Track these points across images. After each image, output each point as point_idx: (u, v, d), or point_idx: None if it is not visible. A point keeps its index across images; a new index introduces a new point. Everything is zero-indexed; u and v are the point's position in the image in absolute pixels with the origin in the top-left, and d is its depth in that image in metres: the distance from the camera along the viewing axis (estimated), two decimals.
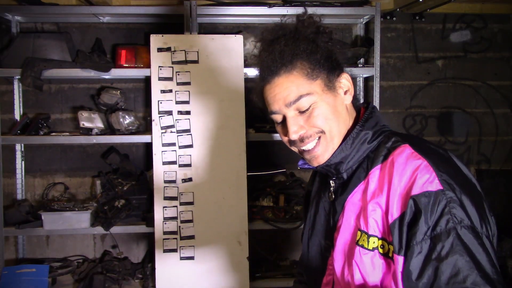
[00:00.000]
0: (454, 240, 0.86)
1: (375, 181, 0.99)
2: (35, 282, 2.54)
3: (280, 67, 1.01)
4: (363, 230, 0.98)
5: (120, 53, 2.64)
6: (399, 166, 0.95)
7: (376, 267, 0.97)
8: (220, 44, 2.51)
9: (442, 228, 0.87)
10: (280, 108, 1.03)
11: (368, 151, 1.05)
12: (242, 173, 2.52)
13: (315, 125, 1.03)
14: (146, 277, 2.66)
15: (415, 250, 0.88)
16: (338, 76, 1.06)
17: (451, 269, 0.85)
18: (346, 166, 1.06)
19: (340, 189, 1.09)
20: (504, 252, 2.79)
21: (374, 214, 0.97)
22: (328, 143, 1.05)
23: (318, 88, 1.02)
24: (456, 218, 0.87)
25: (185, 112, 2.49)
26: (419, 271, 0.88)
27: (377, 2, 2.66)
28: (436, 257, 0.86)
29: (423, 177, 0.91)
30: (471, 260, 0.85)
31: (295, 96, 1.01)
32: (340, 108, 1.06)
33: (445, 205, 0.88)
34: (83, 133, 2.62)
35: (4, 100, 2.82)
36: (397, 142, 1.01)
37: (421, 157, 0.94)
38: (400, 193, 0.93)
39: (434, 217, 0.88)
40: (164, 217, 2.48)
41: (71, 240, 2.91)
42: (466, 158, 3.09)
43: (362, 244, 0.98)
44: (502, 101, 3.09)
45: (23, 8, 2.60)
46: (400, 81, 3.05)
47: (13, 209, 2.63)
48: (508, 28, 3.06)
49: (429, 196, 0.89)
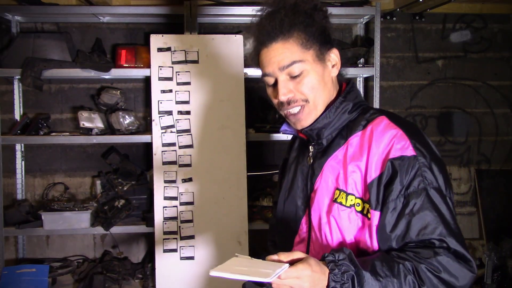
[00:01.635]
0: (425, 198, 1.01)
1: (354, 146, 1.11)
2: (35, 282, 2.54)
3: (279, 34, 1.11)
4: (342, 189, 1.10)
5: (120, 53, 2.64)
6: (377, 134, 1.08)
7: (352, 221, 1.08)
8: (220, 44, 2.51)
9: (415, 188, 1.01)
10: (273, 71, 1.13)
11: (348, 120, 1.16)
12: (242, 173, 2.52)
13: (302, 92, 1.13)
14: (146, 277, 2.66)
15: (390, 206, 1.02)
16: (329, 50, 1.16)
17: (421, 223, 1.00)
18: (327, 132, 1.16)
19: (319, 154, 1.19)
20: (504, 252, 2.79)
21: (354, 175, 1.09)
22: (311, 110, 1.15)
23: (310, 57, 1.12)
24: (427, 180, 1.02)
25: (185, 112, 2.49)
26: (393, 224, 1.02)
27: (377, 2, 2.66)
28: (409, 212, 1.01)
29: (399, 143, 1.05)
30: (438, 215, 1.00)
31: (288, 61, 1.10)
32: (327, 79, 1.16)
33: (418, 169, 1.02)
34: (83, 133, 2.62)
35: (4, 100, 2.82)
36: (375, 114, 1.13)
37: (397, 127, 1.07)
38: (378, 157, 1.06)
39: (408, 178, 1.02)
40: (164, 217, 2.48)
41: (71, 240, 2.91)
42: (466, 158, 3.09)
43: (340, 201, 1.10)
44: (502, 101, 3.09)
45: (23, 8, 2.60)
46: (400, 81, 3.05)
47: (13, 209, 2.63)
48: (508, 28, 3.06)
49: (405, 160, 1.03)
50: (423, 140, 1.08)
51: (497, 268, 2.77)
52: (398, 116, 1.15)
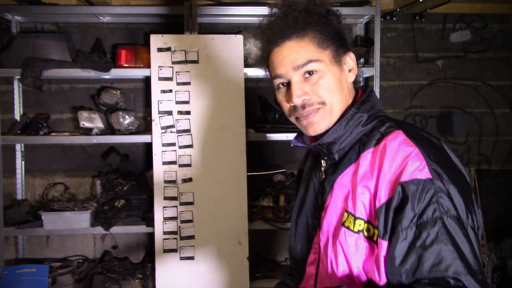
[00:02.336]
0: (440, 229, 0.88)
1: (366, 164, 1.00)
2: (35, 282, 2.54)
3: (293, 32, 1.03)
4: (350, 212, 0.99)
5: (120, 53, 2.64)
6: (391, 151, 0.96)
7: (360, 249, 0.98)
8: (220, 44, 2.51)
9: (428, 217, 0.88)
10: (286, 72, 1.04)
11: (362, 134, 1.05)
12: (242, 173, 2.52)
13: (319, 94, 1.04)
14: (146, 277, 2.66)
15: (400, 236, 0.90)
16: (345, 53, 1.08)
17: (435, 258, 0.87)
18: (339, 147, 1.06)
19: (330, 169, 1.09)
20: (504, 252, 2.79)
21: (363, 197, 0.98)
22: (326, 114, 1.05)
23: (327, 58, 1.04)
24: (443, 207, 0.89)
25: (185, 112, 2.49)
26: (402, 257, 0.90)
27: (377, 2, 2.66)
28: (421, 245, 0.88)
29: (413, 165, 0.92)
30: (455, 249, 0.87)
31: (304, 60, 1.02)
32: (344, 83, 1.07)
33: (433, 194, 0.89)
34: (83, 133, 2.62)
35: (4, 100, 2.82)
36: (391, 128, 1.01)
37: (413, 145, 0.95)
38: (389, 178, 0.94)
39: (422, 205, 0.89)
40: (164, 217, 2.48)
41: (71, 240, 2.91)
42: (466, 158, 3.09)
43: (348, 225, 0.99)
44: (502, 101, 3.09)
45: (23, 8, 2.60)
46: (400, 81, 3.05)
47: (13, 209, 2.63)
48: (508, 28, 3.06)
49: (418, 184, 0.90)
50: (443, 160, 0.96)
51: (497, 268, 2.77)
52: (417, 130, 1.03)
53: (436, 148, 0.98)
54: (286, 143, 2.93)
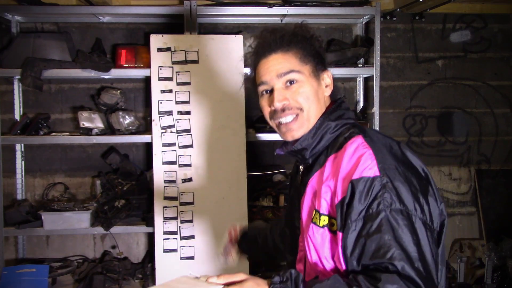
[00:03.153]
0: (382, 220, 0.97)
1: (329, 166, 1.11)
2: (35, 282, 2.54)
3: (279, 46, 1.18)
4: (317, 209, 1.10)
5: (120, 53, 2.64)
6: (348, 153, 1.07)
7: (325, 242, 1.08)
8: (220, 44, 2.51)
9: (373, 210, 0.98)
10: (271, 79, 1.18)
11: (331, 140, 1.17)
12: (242, 173, 2.52)
13: (297, 100, 1.16)
14: (146, 277, 2.66)
15: (350, 227, 1.00)
16: (323, 71, 1.22)
17: (375, 245, 0.96)
18: (311, 153, 1.19)
19: (305, 172, 1.22)
20: (504, 252, 2.79)
21: (326, 195, 1.08)
22: (304, 121, 1.18)
23: (307, 71, 1.18)
24: (386, 201, 0.98)
25: (185, 112, 2.49)
26: (352, 247, 1.00)
27: (377, 2, 2.66)
28: (365, 234, 0.98)
29: (364, 164, 1.02)
30: (393, 238, 0.95)
31: (287, 69, 1.16)
32: (320, 96, 1.20)
33: (379, 190, 0.99)
34: (83, 133, 2.62)
35: (4, 100, 2.82)
36: (353, 133, 1.13)
37: (368, 147, 1.06)
38: (343, 176, 1.05)
39: (368, 199, 0.99)
40: (164, 217, 2.48)
41: (71, 240, 2.91)
42: (466, 158, 3.09)
43: (315, 221, 1.10)
44: (502, 101, 3.10)
45: (23, 8, 2.60)
46: (400, 81, 3.05)
47: (13, 209, 2.63)
48: (508, 28, 3.06)
49: (366, 181, 1.00)
50: (395, 159, 1.05)
51: (497, 268, 2.77)
52: (378, 135, 1.14)
53: (391, 150, 1.09)
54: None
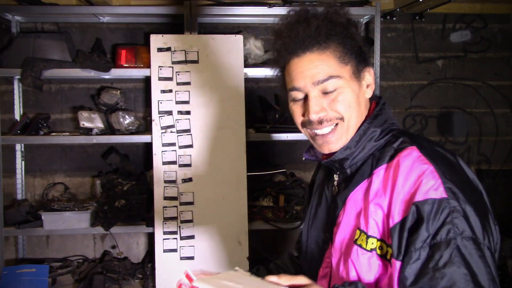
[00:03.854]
0: (453, 251, 0.85)
1: (379, 181, 0.98)
2: (35, 282, 2.53)
3: (315, 43, 0.99)
4: (363, 230, 0.97)
5: (120, 53, 2.64)
6: (404, 169, 0.93)
7: (373, 268, 0.96)
8: (220, 44, 2.51)
9: (442, 238, 0.86)
10: (305, 85, 1.01)
11: (374, 149, 1.03)
12: (242, 173, 2.52)
13: (337, 110, 1.01)
14: (146, 277, 2.66)
15: (413, 256, 0.88)
16: (364, 68, 1.05)
17: (447, 281, 0.84)
18: (351, 163, 1.04)
19: (343, 184, 1.07)
20: (504, 252, 2.79)
21: (375, 215, 0.96)
22: (344, 132, 1.03)
23: (347, 74, 1.01)
24: (457, 228, 0.86)
25: (185, 112, 2.49)
26: (414, 278, 0.87)
27: (377, 2, 2.66)
28: (433, 266, 0.86)
29: (428, 183, 0.89)
30: (468, 273, 0.84)
31: (324, 75, 0.99)
32: (361, 100, 1.05)
33: (447, 214, 0.87)
34: (83, 133, 2.62)
35: (4, 100, 2.82)
36: (405, 143, 0.99)
37: (428, 162, 0.93)
38: (403, 197, 0.92)
39: (436, 225, 0.87)
40: (164, 217, 2.48)
41: (71, 240, 2.91)
42: (466, 158, 3.09)
43: (360, 243, 0.97)
44: (502, 101, 3.09)
45: (23, 8, 2.60)
46: (400, 81, 3.05)
47: (13, 209, 2.63)
48: (508, 28, 3.06)
49: (432, 204, 0.88)
50: (460, 178, 0.93)
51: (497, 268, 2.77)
52: (432, 145, 1.01)
53: (451, 165, 0.96)
54: (286, 143, 2.93)
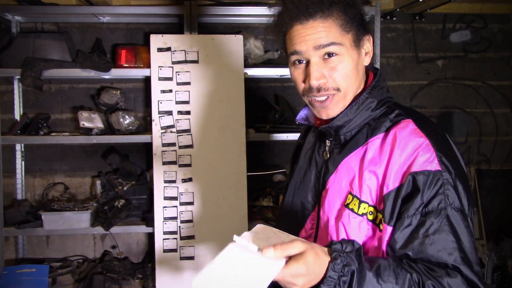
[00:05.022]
0: (443, 220, 0.92)
1: (374, 150, 1.02)
2: (35, 282, 2.54)
3: (318, 11, 1.01)
4: (355, 195, 1.02)
5: (120, 53, 2.64)
6: (401, 140, 0.99)
7: (362, 231, 1.01)
8: (220, 44, 2.51)
9: (434, 207, 0.93)
10: (307, 50, 1.02)
11: (370, 118, 1.07)
12: (242, 173, 2.52)
13: (335, 80, 1.03)
14: (146, 277, 2.66)
15: (405, 222, 0.94)
16: (364, 36, 1.07)
17: (436, 246, 0.92)
18: (346, 130, 1.08)
19: (336, 149, 1.11)
20: (504, 252, 2.79)
21: (369, 182, 1.00)
22: (340, 100, 1.06)
23: (348, 42, 1.03)
24: (448, 199, 0.93)
25: (185, 112, 2.49)
26: (404, 242, 0.94)
27: (377, 2, 2.66)
28: (424, 233, 0.93)
29: (424, 156, 0.96)
30: (455, 240, 0.92)
31: (327, 41, 1.01)
32: (360, 68, 1.08)
33: (440, 186, 0.93)
34: (83, 133, 2.62)
35: (4, 100, 2.82)
36: (400, 116, 1.04)
37: (423, 135, 0.98)
38: (399, 167, 0.97)
39: (429, 195, 0.93)
40: (164, 217, 2.48)
41: (71, 240, 2.91)
42: (466, 158, 3.09)
43: (352, 208, 1.02)
44: (502, 101, 3.09)
45: (23, 8, 2.60)
46: (400, 81, 3.05)
47: (13, 209, 2.63)
48: (508, 28, 3.06)
49: (428, 175, 0.94)
50: (450, 153, 0.99)
51: (497, 268, 2.77)
52: (425, 119, 1.07)
53: (443, 140, 1.02)
54: (286, 143, 2.93)
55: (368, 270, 0.89)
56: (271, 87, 2.94)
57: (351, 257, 0.88)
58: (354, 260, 0.88)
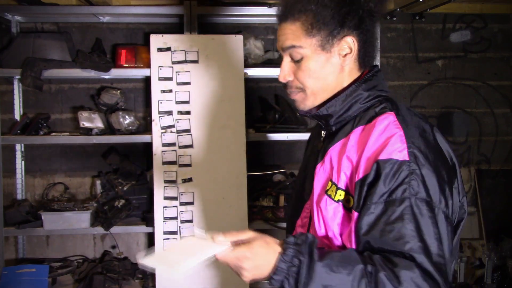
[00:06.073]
0: (405, 209, 0.92)
1: (354, 139, 1.05)
2: (35, 282, 2.54)
3: (289, 15, 1.09)
4: (334, 181, 1.05)
5: (120, 53, 2.64)
6: (377, 130, 1.01)
7: (337, 217, 1.04)
8: (220, 44, 2.51)
9: (397, 196, 0.93)
10: (280, 48, 1.13)
11: (360, 110, 1.10)
12: (242, 173, 2.52)
13: (300, 79, 1.11)
14: (146, 277, 2.66)
15: (369, 209, 0.95)
16: (341, 38, 1.08)
17: (395, 234, 0.92)
18: (336, 120, 1.12)
19: (327, 139, 1.16)
20: (504, 252, 2.79)
21: (346, 169, 1.03)
22: (308, 97, 1.12)
23: (312, 45, 1.08)
24: (412, 189, 0.93)
25: (185, 112, 2.49)
26: (367, 228, 0.95)
27: None
28: (385, 221, 0.93)
29: (394, 145, 0.97)
30: (415, 229, 0.91)
31: (289, 44, 1.09)
32: (331, 69, 1.10)
33: (406, 176, 0.94)
34: (83, 133, 2.62)
35: (4, 100, 2.82)
36: (385, 109, 1.07)
37: (400, 127, 1.00)
38: (369, 155, 0.99)
39: (393, 184, 0.94)
40: (164, 217, 2.48)
41: (71, 240, 2.91)
42: (466, 158, 3.09)
43: (330, 194, 1.05)
44: (502, 101, 3.09)
45: (23, 8, 2.60)
46: (400, 81, 3.05)
47: (13, 209, 2.63)
48: (508, 28, 3.06)
49: (394, 164, 0.95)
50: (426, 145, 1.00)
51: (497, 268, 2.77)
52: (411, 114, 1.08)
53: (423, 133, 1.03)
54: (286, 143, 2.93)
55: (318, 261, 0.91)
56: (271, 87, 2.94)
57: (301, 249, 0.92)
58: (303, 252, 0.91)
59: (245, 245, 0.94)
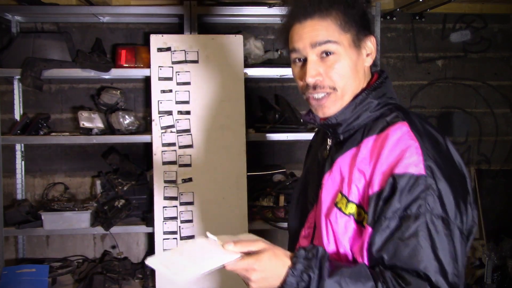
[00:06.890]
0: (420, 225, 0.89)
1: (366, 150, 1.01)
2: (35, 282, 2.54)
3: (316, 10, 1.03)
4: (344, 194, 1.01)
5: (120, 53, 2.64)
6: (391, 141, 0.97)
7: (348, 231, 1.00)
8: (220, 44, 2.51)
9: (412, 211, 0.90)
10: (304, 47, 1.04)
11: (369, 119, 1.06)
12: (242, 173, 2.52)
13: (332, 78, 1.04)
14: (146, 277, 2.66)
15: (383, 224, 0.92)
16: (366, 37, 1.07)
17: (410, 251, 0.89)
18: (344, 129, 1.07)
19: (334, 148, 1.11)
20: (504, 252, 2.79)
21: (358, 182, 0.99)
22: (338, 99, 1.06)
23: (346, 41, 1.04)
24: (428, 205, 0.90)
25: (185, 112, 2.49)
26: (381, 245, 0.92)
27: (377, 2, 2.66)
28: (399, 236, 0.90)
29: (410, 158, 0.93)
30: (431, 247, 0.88)
31: (323, 38, 1.02)
32: (359, 68, 1.07)
33: (421, 191, 0.90)
34: (83, 133, 2.62)
35: (4, 100, 2.82)
36: (397, 118, 1.02)
37: (415, 138, 0.96)
38: (384, 168, 0.95)
39: (409, 199, 0.91)
40: (164, 217, 2.48)
41: (71, 240, 2.91)
42: (466, 158, 3.09)
43: (340, 207, 1.01)
44: (502, 101, 3.09)
45: (23, 8, 2.60)
46: (400, 81, 3.05)
47: (13, 209, 2.63)
48: (508, 28, 3.06)
49: (410, 178, 0.91)
50: (442, 158, 0.96)
51: (497, 268, 2.77)
52: (424, 123, 1.04)
53: (437, 145, 0.99)
54: (286, 143, 2.93)
55: (328, 277, 0.89)
56: (271, 87, 2.94)
57: (311, 264, 0.90)
58: (314, 267, 0.89)
59: (254, 256, 0.92)
